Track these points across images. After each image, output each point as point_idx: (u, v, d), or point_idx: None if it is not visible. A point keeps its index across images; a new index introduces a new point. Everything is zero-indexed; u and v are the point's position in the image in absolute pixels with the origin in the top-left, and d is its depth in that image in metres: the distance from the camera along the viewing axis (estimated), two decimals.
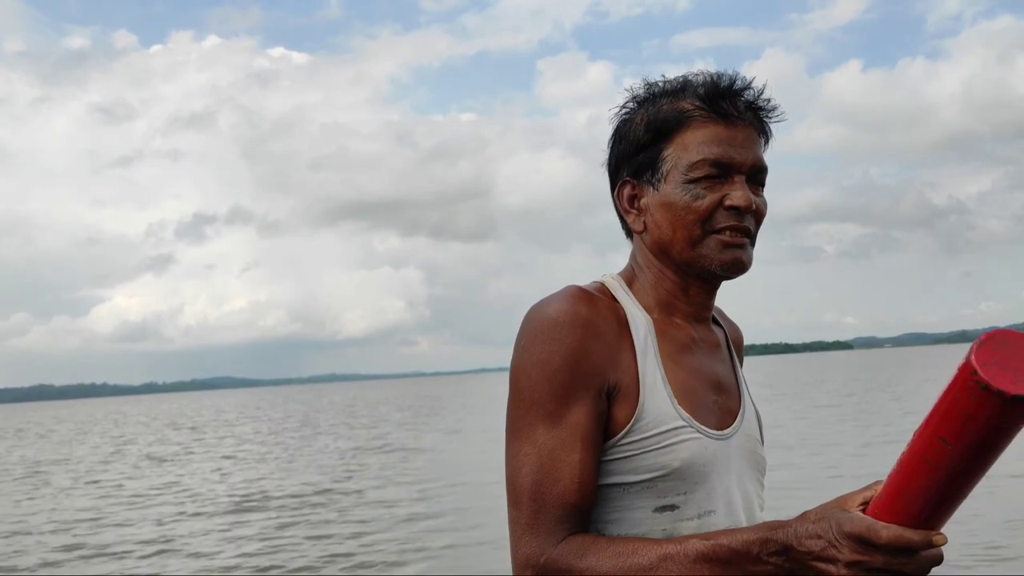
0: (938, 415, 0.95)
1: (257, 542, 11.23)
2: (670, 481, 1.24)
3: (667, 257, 1.34)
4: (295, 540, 11.15)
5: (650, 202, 1.34)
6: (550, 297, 1.28)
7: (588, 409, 1.22)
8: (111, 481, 20.06)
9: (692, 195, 1.30)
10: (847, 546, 1.04)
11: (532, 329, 1.25)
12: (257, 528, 12.28)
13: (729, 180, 1.30)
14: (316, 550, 10.44)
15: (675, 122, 1.32)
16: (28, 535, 12.96)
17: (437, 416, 39.17)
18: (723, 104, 1.31)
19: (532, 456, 1.21)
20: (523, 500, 1.20)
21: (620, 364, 1.26)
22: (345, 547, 10.51)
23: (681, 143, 1.31)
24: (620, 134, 1.39)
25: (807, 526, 1.08)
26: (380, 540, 10.76)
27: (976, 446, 0.92)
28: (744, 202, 1.29)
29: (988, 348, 0.90)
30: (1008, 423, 0.90)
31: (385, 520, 12.13)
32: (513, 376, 1.26)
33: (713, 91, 1.32)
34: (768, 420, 1.56)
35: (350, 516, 12.68)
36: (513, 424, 1.24)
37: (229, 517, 13.48)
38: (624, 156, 1.38)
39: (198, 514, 14.03)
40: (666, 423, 1.25)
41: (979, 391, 0.88)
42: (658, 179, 1.33)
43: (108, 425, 54.25)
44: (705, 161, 1.29)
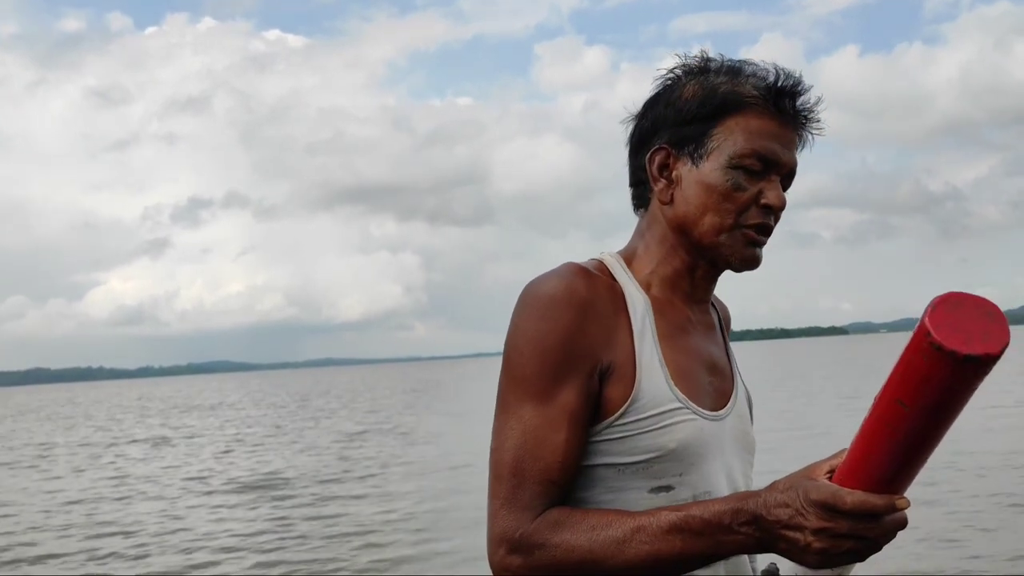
0: (896, 379, 0.96)
1: (263, 522, 11.39)
2: (665, 463, 1.23)
3: (684, 235, 1.32)
4: (302, 522, 11.29)
5: (685, 176, 1.30)
6: (547, 273, 1.26)
7: (578, 390, 1.21)
8: (114, 464, 20.18)
9: (734, 183, 1.27)
10: (813, 513, 1.05)
11: (527, 305, 1.24)
12: (265, 511, 12.40)
13: (767, 177, 1.28)
14: (321, 530, 10.59)
15: (733, 104, 1.28)
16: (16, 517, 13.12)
17: (442, 399, 39.30)
18: (783, 101, 1.29)
19: (517, 432, 1.20)
20: (503, 474, 1.20)
21: (615, 344, 1.24)
22: (355, 528, 10.66)
23: (732, 127, 1.28)
24: (666, 99, 1.33)
25: (775, 495, 1.09)
26: (391, 522, 10.90)
27: (932, 407, 0.94)
28: (779, 202, 1.28)
29: (942, 311, 0.91)
30: (961, 383, 0.92)
31: (396, 505, 12.25)
32: (506, 351, 1.25)
33: (776, 85, 1.29)
34: (776, 405, 1.68)
35: (358, 498, 12.82)
36: (502, 399, 1.24)
37: (232, 497, 13.64)
38: (666, 122, 1.32)
39: (211, 492, 14.19)
40: (662, 404, 1.24)
41: (932, 352, 0.90)
42: (700, 155, 1.29)
43: (112, 408, 54.35)
44: (754, 152, 1.27)
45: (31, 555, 10.33)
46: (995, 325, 0.91)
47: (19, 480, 18.22)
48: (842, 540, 1.04)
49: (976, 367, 0.90)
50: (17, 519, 12.86)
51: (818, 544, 1.05)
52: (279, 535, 10.45)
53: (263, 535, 10.57)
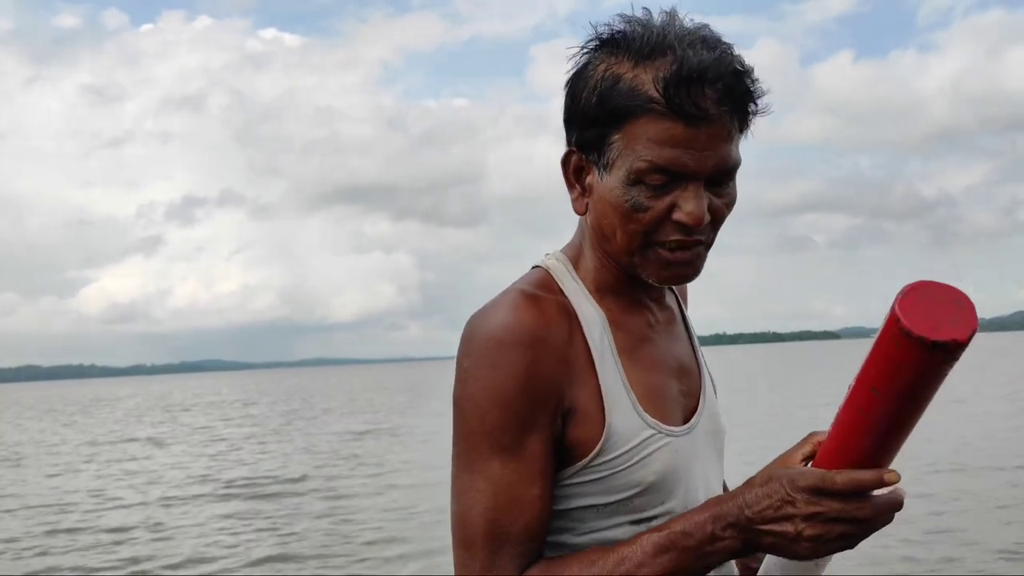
0: (868, 366, 0.97)
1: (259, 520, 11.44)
2: (646, 496, 1.16)
3: (607, 249, 1.19)
4: (291, 522, 11.39)
5: (595, 187, 1.16)
6: (490, 307, 1.14)
7: (545, 437, 1.11)
8: (114, 462, 20.20)
9: (633, 203, 1.12)
10: (802, 500, 1.01)
11: (475, 350, 1.11)
12: (258, 512, 12.47)
13: (681, 186, 1.11)
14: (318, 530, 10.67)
15: (626, 109, 1.10)
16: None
17: (438, 399, 39.41)
18: (686, 100, 1.08)
19: (486, 493, 1.09)
20: (476, 542, 1.09)
21: (576, 378, 1.13)
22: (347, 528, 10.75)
23: (631, 133, 1.11)
24: (573, 90, 1.17)
25: (755, 491, 1.04)
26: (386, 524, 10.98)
27: (904, 393, 0.96)
28: (693, 220, 1.11)
29: (912, 298, 0.92)
30: (931, 369, 0.93)
31: (389, 503, 12.33)
32: (460, 404, 1.13)
33: (678, 81, 1.08)
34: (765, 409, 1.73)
35: (353, 499, 12.92)
36: (463, 457, 1.12)
37: (227, 502, 13.69)
38: (573, 121, 1.17)
39: (201, 496, 14.24)
40: (635, 436, 1.15)
41: (903, 338, 0.91)
42: (604, 165, 1.14)
43: (106, 408, 54.24)
44: (652, 166, 1.09)
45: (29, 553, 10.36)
46: (963, 312, 0.93)
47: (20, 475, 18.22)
48: (834, 524, 1.01)
49: (945, 353, 0.91)
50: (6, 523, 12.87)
51: (810, 531, 1.01)
52: (273, 536, 10.51)
53: (258, 535, 10.64)
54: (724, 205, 1.16)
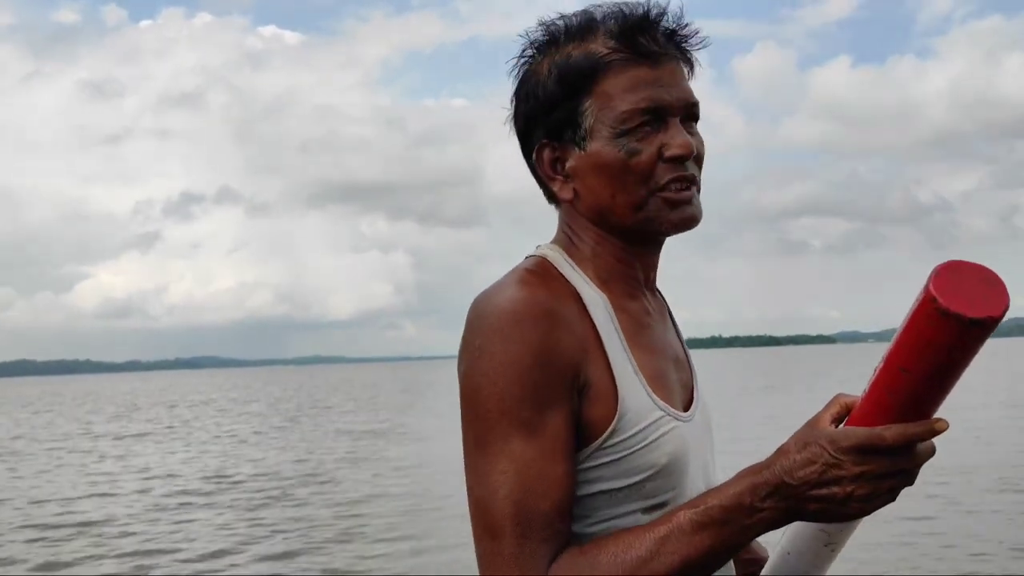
0: (899, 346, 0.98)
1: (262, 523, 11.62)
2: (658, 479, 1.14)
3: (607, 224, 1.19)
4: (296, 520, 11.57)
5: (578, 165, 1.18)
6: (497, 286, 1.14)
7: (564, 412, 1.08)
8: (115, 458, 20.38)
9: (627, 151, 1.14)
10: (849, 460, 0.98)
11: (488, 327, 1.09)
12: (262, 512, 12.62)
13: (664, 126, 1.15)
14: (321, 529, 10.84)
15: (591, 70, 1.15)
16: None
17: (437, 398, 39.59)
18: (642, 40, 1.14)
19: (510, 474, 1.05)
20: (504, 527, 1.04)
21: (588, 355, 1.11)
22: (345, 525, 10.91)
23: (603, 93, 1.15)
24: (526, 90, 1.21)
25: (793, 457, 1.01)
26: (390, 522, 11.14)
27: (936, 372, 0.96)
28: (686, 149, 1.15)
29: (945, 277, 0.93)
30: (965, 346, 0.94)
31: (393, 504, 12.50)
32: (472, 383, 1.09)
33: (628, 26, 1.15)
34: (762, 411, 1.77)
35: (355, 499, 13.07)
36: (481, 439, 1.08)
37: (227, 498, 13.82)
38: (535, 115, 1.20)
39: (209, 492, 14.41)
40: (647, 417, 1.13)
41: (939, 317, 0.92)
42: (582, 137, 1.17)
43: (100, 403, 54.38)
44: (636, 110, 1.14)
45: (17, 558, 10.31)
46: (994, 289, 0.94)
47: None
48: (883, 480, 0.99)
49: (980, 330, 0.93)
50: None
51: (861, 490, 0.99)
52: (278, 535, 10.61)
53: (270, 532, 10.83)
54: (700, 144, 1.19)
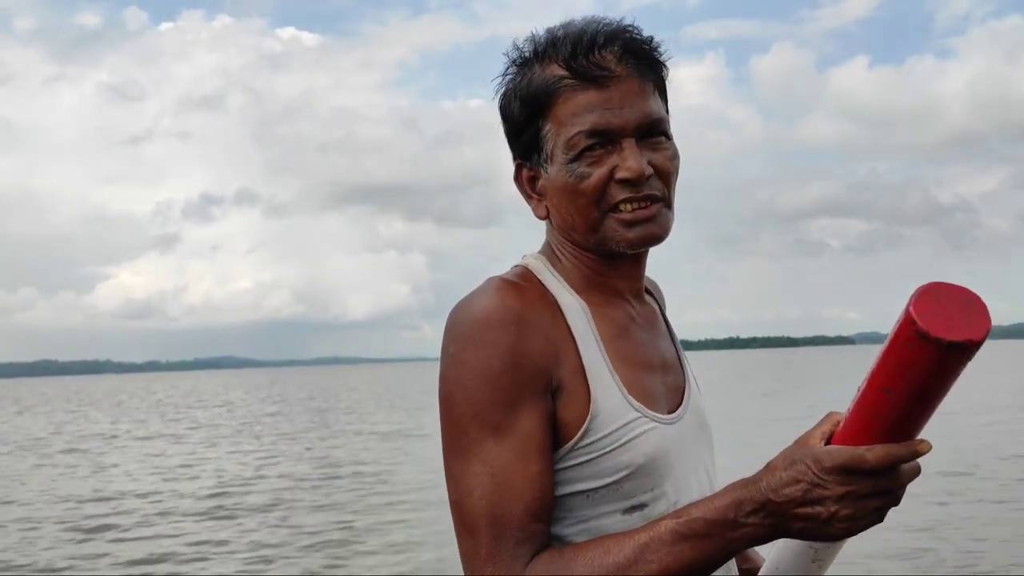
0: (881, 367, 0.97)
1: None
2: (636, 479, 1.15)
3: (575, 241, 1.23)
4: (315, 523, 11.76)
5: (545, 186, 1.22)
6: (472, 294, 1.16)
7: (538, 413, 1.11)
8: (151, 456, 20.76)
9: (576, 176, 1.17)
10: (833, 480, 0.98)
11: (460, 334, 1.12)
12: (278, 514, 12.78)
13: (617, 147, 1.16)
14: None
15: (545, 95, 1.18)
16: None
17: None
18: (587, 64, 1.16)
19: (483, 476, 1.08)
20: (479, 526, 1.07)
21: (561, 358, 1.14)
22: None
23: (556, 117, 1.18)
24: (501, 111, 1.25)
25: (779, 475, 1.01)
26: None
27: (918, 394, 0.95)
28: (633, 173, 1.15)
29: (925, 299, 0.92)
30: (945, 369, 0.93)
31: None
32: (446, 389, 1.13)
33: (576, 50, 1.17)
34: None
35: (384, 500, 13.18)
36: (455, 442, 1.11)
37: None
38: (510, 137, 1.25)
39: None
40: (621, 418, 1.15)
41: (918, 340, 0.91)
42: (545, 159, 1.21)
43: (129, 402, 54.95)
44: (581, 134, 1.16)
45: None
46: (976, 313, 0.93)
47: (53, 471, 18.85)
48: (867, 500, 0.99)
49: (960, 353, 0.91)
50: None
51: (845, 511, 0.98)
52: (295, 539, 10.50)
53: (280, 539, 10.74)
54: (666, 159, 1.19)
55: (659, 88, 1.22)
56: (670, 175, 1.21)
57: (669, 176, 1.21)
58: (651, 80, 1.20)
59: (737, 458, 1.58)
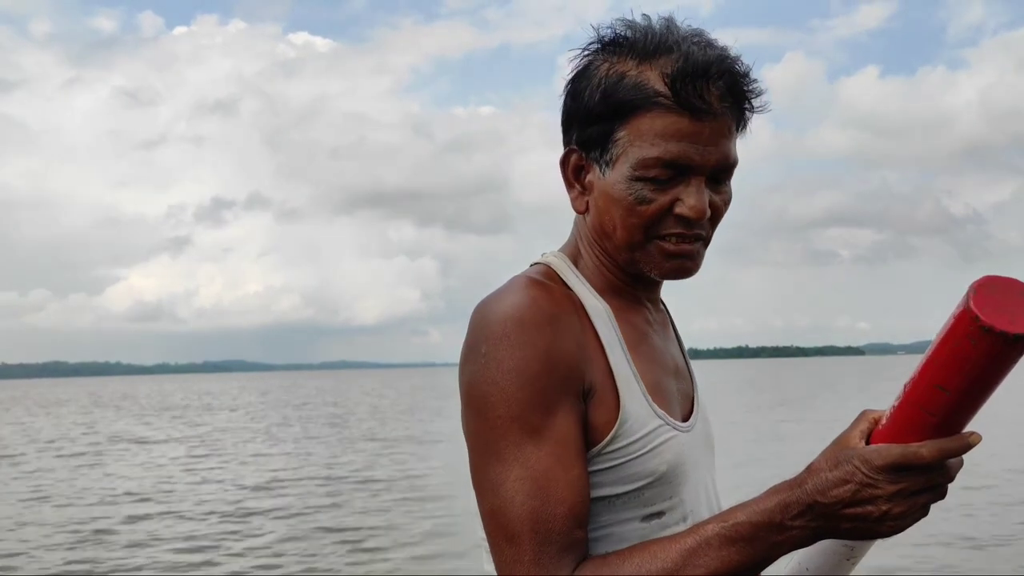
0: (934, 365, 0.95)
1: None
2: (657, 487, 1.15)
3: (606, 247, 1.21)
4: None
5: (596, 184, 1.18)
6: (500, 292, 1.14)
7: (574, 416, 1.09)
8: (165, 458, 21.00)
9: (637, 197, 1.14)
10: (884, 479, 0.97)
11: (493, 334, 1.08)
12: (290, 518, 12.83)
13: (684, 181, 1.13)
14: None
15: (632, 104, 1.12)
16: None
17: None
18: (692, 94, 1.11)
19: (525, 481, 1.05)
20: (523, 534, 1.04)
21: (591, 360, 1.12)
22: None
23: (637, 129, 1.13)
24: (575, 89, 1.19)
25: (825, 475, 0.99)
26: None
27: (976, 389, 0.94)
28: (696, 213, 1.13)
29: (983, 294, 0.90)
30: (1007, 362, 0.92)
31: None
32: (478, 390, 1.08)
33: (684, 76, 1.10)
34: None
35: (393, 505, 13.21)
36: (490, 447, 1.07)
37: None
38: (574, 120, 1.19)
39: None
40: (646, 425, 1.15)
41: (981, 335, 0.89)
42: (606, 162, 1.16)
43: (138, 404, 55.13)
44: (658, 160, 1.12)
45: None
46: None
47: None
48: (917, 496, 0.99)
49: (1023, 345, 0.91)
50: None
51: (897, 508, 0.98)
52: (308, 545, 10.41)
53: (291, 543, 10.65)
54: (722, 203, 1.18)
55: (741, 129, 1.19)
56: (720, 218, 1.21)
57: (720, 219, 1.20)
58: (738, 122, 1.18)
59: (740, 469, 1.63)
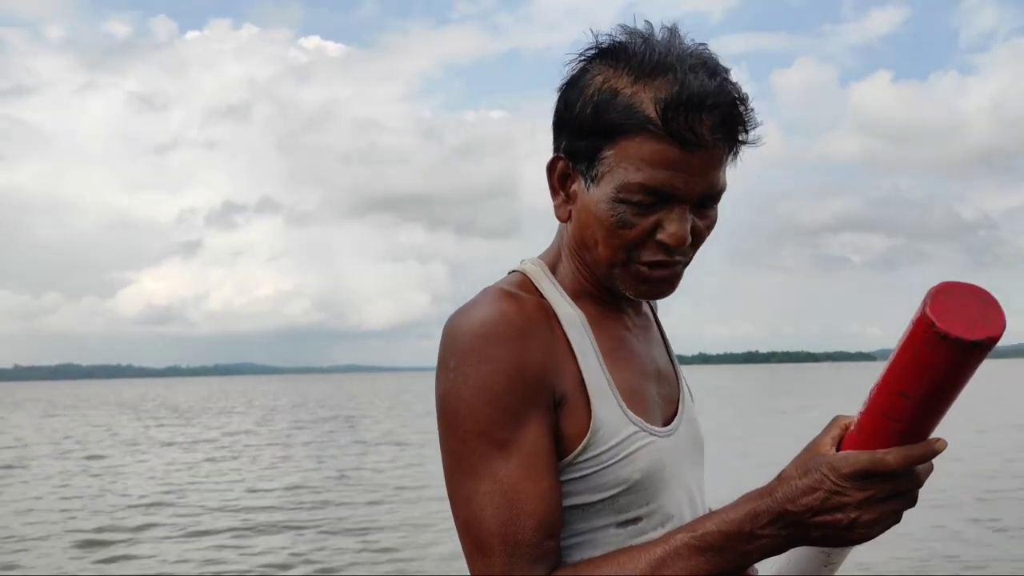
0: (896, 372, 0.95)
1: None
2: (631, 494, 1.14)
3: (584, 258, 1.19)
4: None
5: (580, 196, 1.16)
6: (469, 305, 1.12)
7: (543, 428, 1.08)
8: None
9: (619, 220, 1.11)
10: (852, 487, 0.97)
11: (460, 349, 1.08)
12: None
13: (667, 207, 1.11)
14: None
15: (621, 125, 1.09)
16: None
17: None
18: (683, 126, 1.07)
19: (494, 494, 1.05)
20: (493, 545, 1.05)
21: (561, 370, 1.11)
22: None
23: (624, 151, 1.09)
24: (567, 97, 1.15)
25: (794, 484, 1.00)
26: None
27: (936, 395, 0.94)
28: (676, 241, 1.11)
29: (940, 300, 0.91)
30: (965, 368, 0.92)
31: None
32: (448, 404, 1.09)
33: (677, 105, 1.07)
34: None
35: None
36: (461, 460, 1.08)
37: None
38: (564, 128, 1.16)
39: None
40: (620, 432, 1.13)
41: (938, 341, 0.89)
42: (592, 177, 1.13)
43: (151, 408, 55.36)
44: (642, 187, 1.09)
45: None
46: (991, 309, 0.92)
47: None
48: (886, 504, 0.98)
49: (980, 351, 0.91)
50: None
51: (866, 516, 0.98)
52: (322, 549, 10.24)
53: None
54: (705, 227, 1.16)
55: (734, 155, 1.15)
56: (703, 241, 1.18)
57: (702, 243, 1.18)
58: (730, 151, 1.14)
59: (765, 469, 1.76)
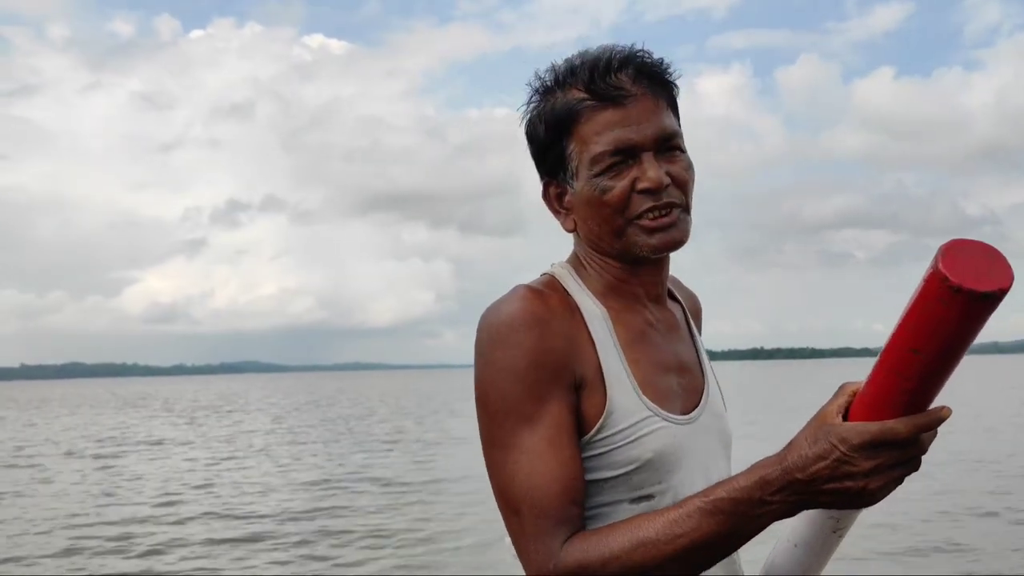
0: (907, 328, 0.98)
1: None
2: (644, 473, 1.25)
3: (601, 249, 1.33)
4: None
5: (572, 200, 1.33)
6: (499, 301, 1.27)
7: (565, 405, 1.22)
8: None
9: (600, 189, 1.27)
10: (860, 456, 1.02)
11: (489, 337, 1.24)
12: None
13: (637, 161, 1.26)
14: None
15: (568, 117, 1.29)
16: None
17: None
18: (606, 88, 1.26)
19: (522, 463, 1.19)
20: (522, 508, 1.18)
21: (581, 357, 1.25)
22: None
23: (580, 136, 1.28)
24: (528, 134, 1.35)
25: (804, 452, 1.05)
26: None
27: (947, 349, 0.97)
28: (654, 183, 1.25)
29: (951, 255, 0.94)
30: (976, 321, 0.95)
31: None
32: (481, 387, 1.24)
33: (593, 74, 1.27)
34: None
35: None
36: (493, 436, 1.22)
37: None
38: (536, 157, 1.36)
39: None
40: (633, 415, 1.25)
41: (951, 295, 0.92)
42: (571, 175, 1.31)
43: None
44: (604, 153, 1.26)
45: None
46: (998, 263, 0.95)
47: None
48: (893, 470, 1.04)
49: (992, 303, 0.94)
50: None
51: (875, 483, 1.03)
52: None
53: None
54: (682, 169, 1.29)
55: (671, 106, 1.32)
56: (687, 183, 1.30)
57: (686, 184, 1.30)
58: (664, 98, 1.31)
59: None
